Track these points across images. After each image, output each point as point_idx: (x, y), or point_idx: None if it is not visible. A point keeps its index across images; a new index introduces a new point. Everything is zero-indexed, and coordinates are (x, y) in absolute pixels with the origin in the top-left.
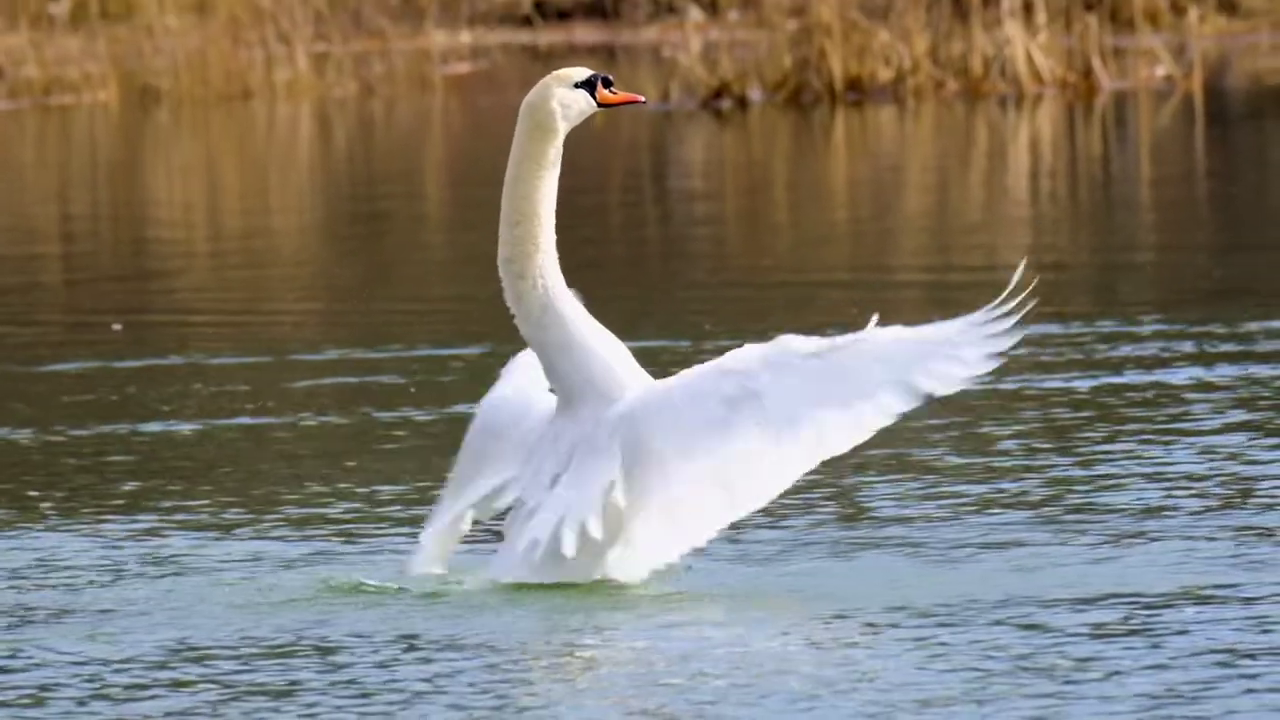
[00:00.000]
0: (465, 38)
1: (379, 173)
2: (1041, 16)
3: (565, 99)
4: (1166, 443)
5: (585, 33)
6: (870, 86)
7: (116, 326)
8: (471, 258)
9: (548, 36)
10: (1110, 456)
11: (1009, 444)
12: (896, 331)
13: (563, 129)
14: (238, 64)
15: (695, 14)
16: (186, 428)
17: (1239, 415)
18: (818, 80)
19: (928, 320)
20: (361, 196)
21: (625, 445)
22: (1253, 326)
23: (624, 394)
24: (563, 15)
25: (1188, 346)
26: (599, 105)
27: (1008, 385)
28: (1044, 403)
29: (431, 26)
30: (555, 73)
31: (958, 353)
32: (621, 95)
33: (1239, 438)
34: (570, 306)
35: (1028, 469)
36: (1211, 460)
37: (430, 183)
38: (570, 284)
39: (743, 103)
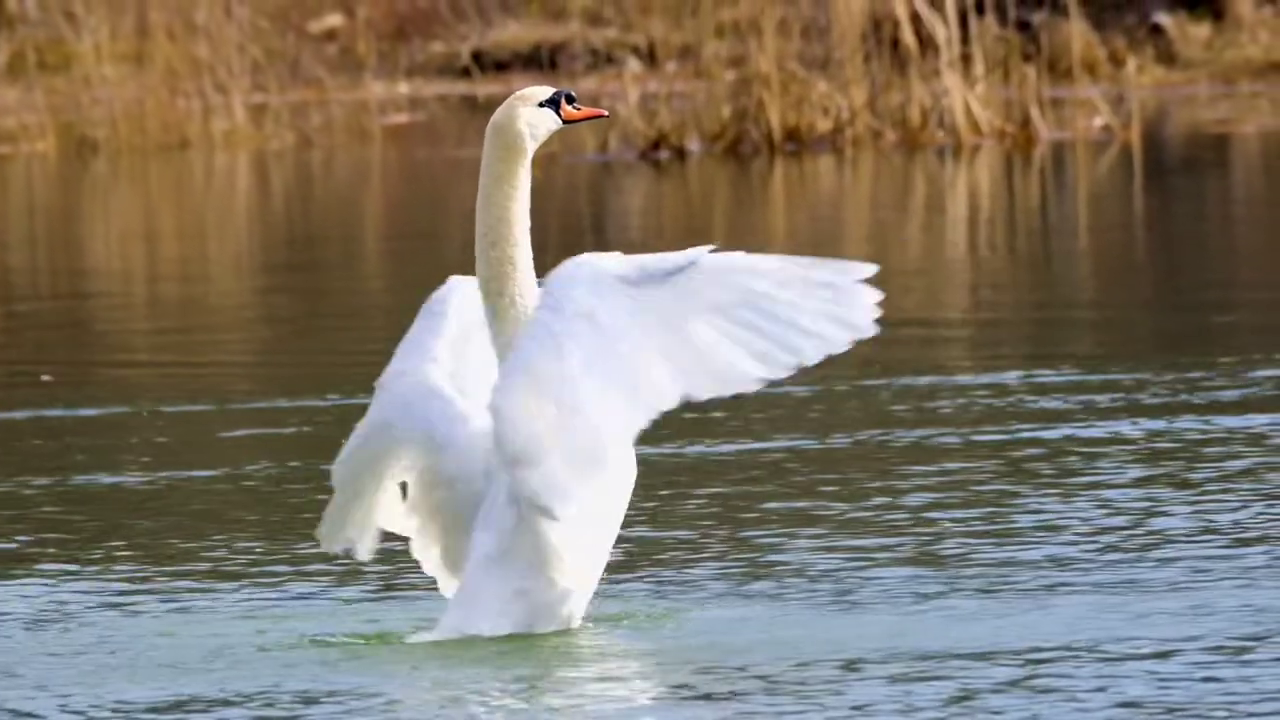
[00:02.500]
0: (403, 89)
1: (317, 223)
2: (979, 67)
3: (532, 119)
4: (1075, 496)
5: (523, 83)
6: (808, 137)
7: (46, 378)
8: (410, 308)
9: (486, 88)
10: (1018, 509)
11: (917, 497)
12: (764, 268)
13: (531, 148)
14: (175, 114)
15: (633, 65)
16: (116, 480)
17: (1152, 469)
18: (756, 131)
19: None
20: (299, 246)
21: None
22: (1183, 379)
23: None
24: (500, 66)
25: (1112, 399)
26: (564, 122)
27: (915, 437)
28: (956, 455)
29: (370, 78)
30: (519, 92)
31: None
32: (585, 111)
33: (1148, 491)
34: None
35: (931, 521)
36: (1119, 514)
37: (368, 233)
38: None
39: (681, 153)
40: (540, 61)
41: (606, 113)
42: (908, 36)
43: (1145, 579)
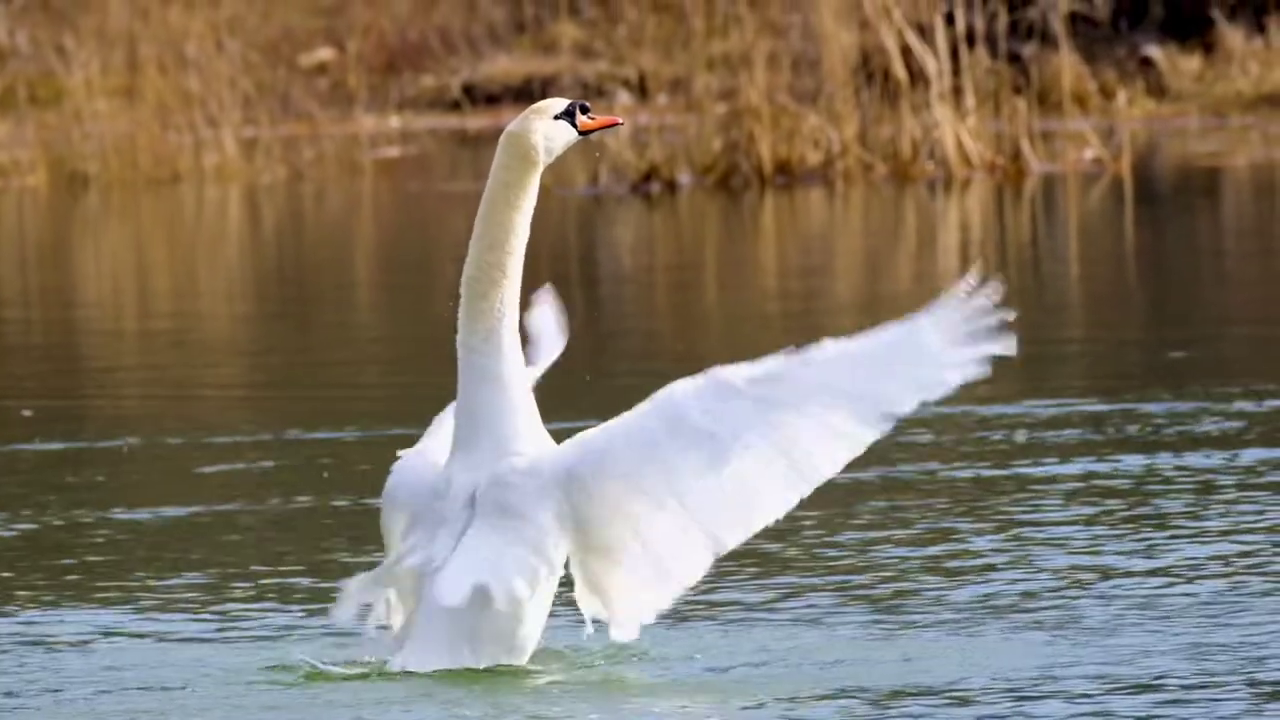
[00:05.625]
0: (394, 122)
1: (308, 257)
2: (970, 100)
3: (549, 133)
4: (1036, 534)
5: (514, 116)
6: (799, 170)
7: (26, 412)
8: (401, 342)
9: (476, 121)
10: (976, 547)
11: (875, 533)
12: (845, 349)
13: (545, 162)
14: (166, 148)
15: (624, 98)
16: (93, 516)
17: (1116, 507)
18: (747, 164)
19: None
20: (290, 280)
21: (574, 500)
22: (1163, 413)
23: (518, 447)
24: (491, 99)
25: (1087, 434)
26: (580, 134)
27: (880, 472)
28: (922, 490)
29: (360, 111)
30: (534, 106)
31: (932, 356)
32: (600, 120)
33: (1109, 530)
34: (513, 343)
35: (887, 558)
36: (1061, 553)
37: (359, 267)
38: None
39: (672, 186)
40: (531, 94)
41: (622, 120)
42: (898, 69)
43: (1097, 617)
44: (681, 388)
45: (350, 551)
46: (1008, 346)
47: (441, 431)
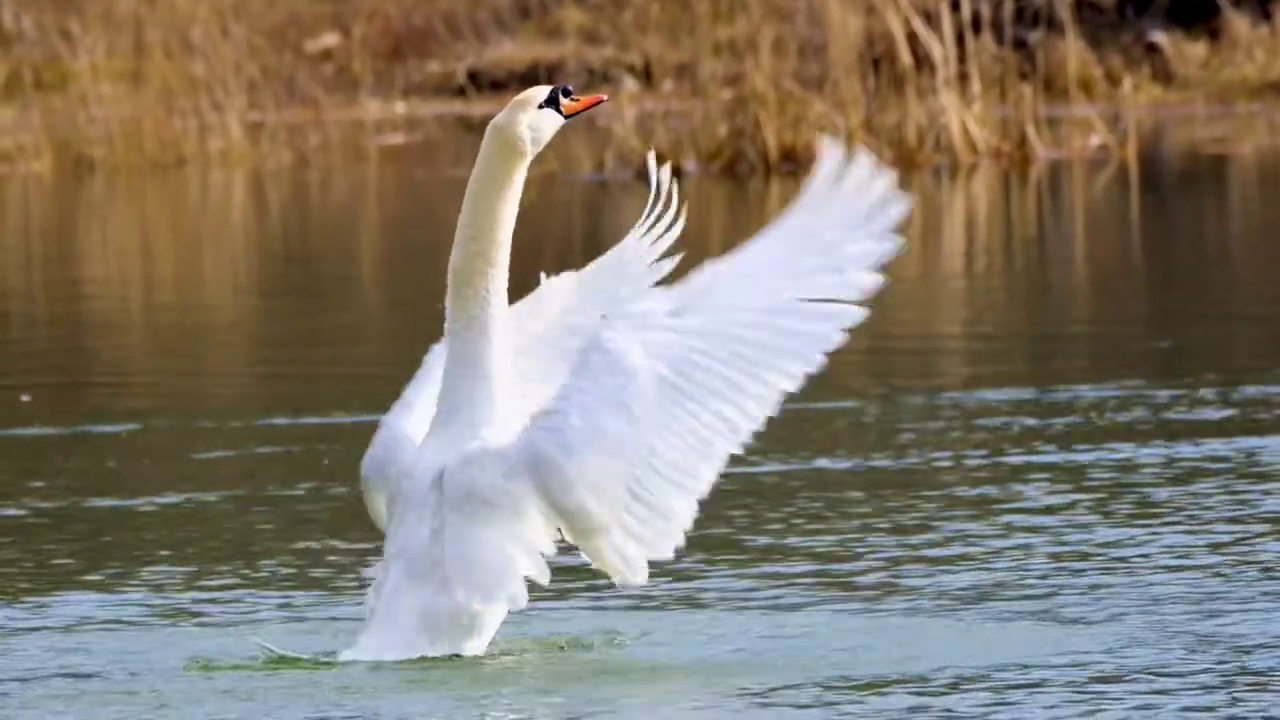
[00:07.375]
0: (400, 108)
1: (313, 242)
2: (976, 86)
3: (535, 123)
4: (1008, 521)
5: None
6: (805, 157)
7: (25, 397)
8: (403, 328)
9: (482, 107)
10: (957, 535)
11: (854, 523)
12: (752, 265)
13: (533, 152)
14: (171, 133)
15: (629, 84)
16: (90, 502)
17: (1095, 494)
18: (752, 150)
19: None
20: (295, 265)
21: (547, 482)
22: (1169, 399)
23: (487, 433)
24: (496, 86)
25: (1085, 421)
26: (565, 117)
27: (868, 461)
28: (901, 477)
29: (366, 97)
30: (518, 98)
31: (840, 254)
32: (584, 101)
33: (1084, 518)
34: (499, 329)
35: (864, 547)
36: (1044, 541)
37: (364, 253)
38: None
39: (677, 173)
40: (536, 80)
41: (605, 97)
42: (904, 55)
43: (1086, 606)
44: (616, 340)
45: (348, 539)
46: (901, 208)
47: (426, 389)
